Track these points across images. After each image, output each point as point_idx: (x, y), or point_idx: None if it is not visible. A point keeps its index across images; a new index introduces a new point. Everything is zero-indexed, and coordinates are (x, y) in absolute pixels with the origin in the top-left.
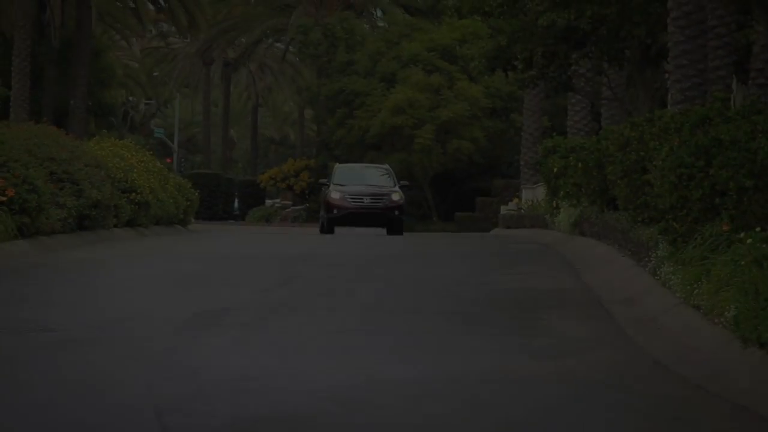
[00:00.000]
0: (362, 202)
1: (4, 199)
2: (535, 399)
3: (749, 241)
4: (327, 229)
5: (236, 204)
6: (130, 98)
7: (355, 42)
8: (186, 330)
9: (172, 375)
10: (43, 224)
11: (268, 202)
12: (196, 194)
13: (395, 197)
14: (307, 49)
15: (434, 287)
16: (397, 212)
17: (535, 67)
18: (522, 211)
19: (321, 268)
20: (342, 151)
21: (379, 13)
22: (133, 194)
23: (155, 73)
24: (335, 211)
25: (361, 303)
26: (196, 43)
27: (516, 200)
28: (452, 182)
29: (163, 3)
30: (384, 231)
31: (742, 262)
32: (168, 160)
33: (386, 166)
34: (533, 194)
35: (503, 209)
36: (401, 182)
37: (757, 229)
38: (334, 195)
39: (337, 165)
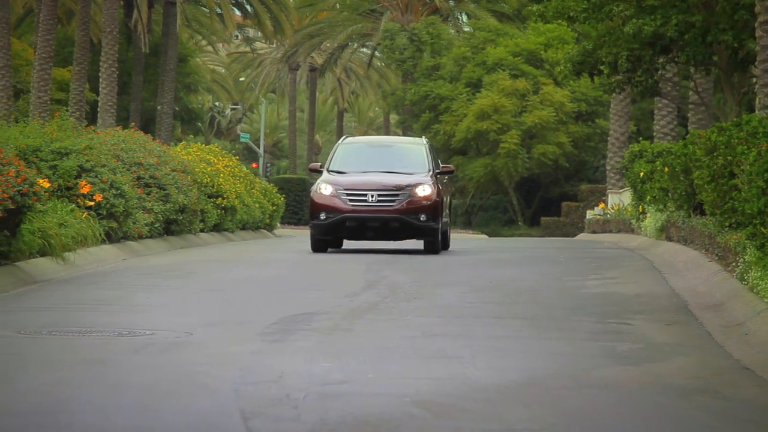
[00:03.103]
0: (366, 201)
1: (91, 203)
2: (622, 404)
3: None
4: (314, 244)
5: None
6: (217, 103)
7: (441, 47)
8: (272, 334)
9: (258, 379)
10: (130, 229)
11: None
12: (282, 199)
13: (423, 191)
14: (392, 54)
15: (519, 291)
16: (424, 217)
17: (621, 72)
18: (608, 215)
19: (405, 273)
20: None
21: (464, 17)
22: (220, 199)
23: (241, 79)
24: (322, 216)
25: (446, 307)
26: (282, 49)
27: (602, 205)
28: (538, 187)
29: (249, 9)
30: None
31: None
32: (254, 165)
33: (422, 140)
34: (619, 199)
35: (589, 214)
36: (444, 166)
37: None
38: (324, 189)
39: (343, 139)
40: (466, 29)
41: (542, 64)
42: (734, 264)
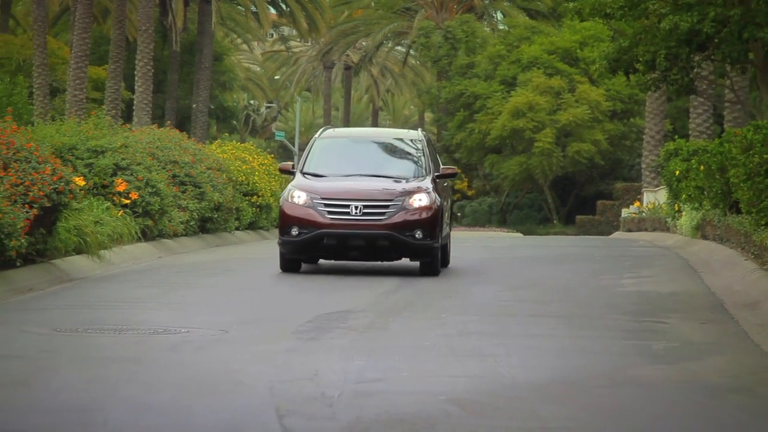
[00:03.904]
0: (348, 214)
1: (127, 201)
2: (656, 403)
3: None
4: (284, 263)
5: None
6: (252, 101)
7: (476, 45)
8: (307, 332)
9: (293, 377)
10: (165, 227)
11: None
12: None
13: (420, 201)
14: (427, 52)
15: (554, 290)
16: (420, 233)
17: (657, 70)
18: (643, 214)
19: (441, 271)
20: (462, 153)
21: (499, 15)
22: (255, 197)
23: (276, 77)
24: (294, 231)
25: (481, 306)
26: (317, 47)
27: (637, 203)
28: (573, 185)
29: (284, 7)
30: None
31: None
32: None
33: (418, 133)
34: (655, 197)
35: (624, 212)
36: (445, 168)
37: None
38: (296, 197)
39: (321, 132)
40: (501, 27)
41: (577, 62)
42: None
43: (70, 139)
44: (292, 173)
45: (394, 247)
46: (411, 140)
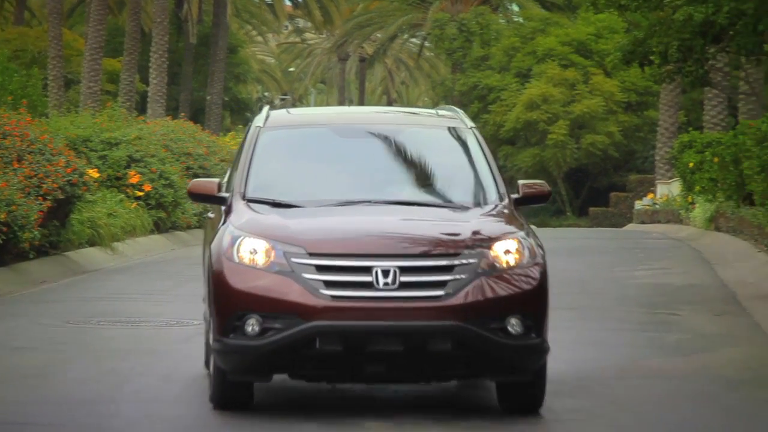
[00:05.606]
0: (369, 287)
1: (140, 193)
2: (669, 395)
3: None
4: (223, 393)
5: None
6: (266, 94)
7: (490, 37)
8: None
9: None
10: (179, 219)
11: None
12: None
13: (506, 254)
14: (442, 44)
15: (567, 282)
16: (518, 324)
17: (671, 62)
18: (657, 206)
19: None
20: None
21: (514, 7)
22: None
23: (291, 69)
24: (251, 327)
25: None
26: (332, 39)
27: (651, 195)
28: (586, 177)
29: None
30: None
31: None
32: None
33: (459, 114)
34: (668, 189)
35: (638, 204)
36: (527, 184)
37: None
38: (252, 254)
39: (266, 116)
40: (516, 19)
41: (592, 54)
42: None
43: (84, 131)
44: (222, 201)
45: (465, 353)
46: (449, 128)
